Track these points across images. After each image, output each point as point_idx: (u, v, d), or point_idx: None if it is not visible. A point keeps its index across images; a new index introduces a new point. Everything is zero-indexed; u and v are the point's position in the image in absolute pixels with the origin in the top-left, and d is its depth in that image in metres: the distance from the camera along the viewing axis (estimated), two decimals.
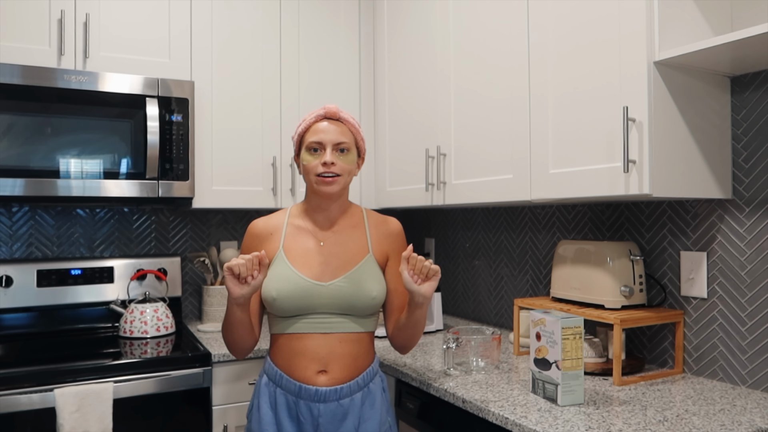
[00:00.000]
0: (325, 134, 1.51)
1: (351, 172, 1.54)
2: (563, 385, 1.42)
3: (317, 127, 1.52)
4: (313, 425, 1.47)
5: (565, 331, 1.43)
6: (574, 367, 1.43)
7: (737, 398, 1.47)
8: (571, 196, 1.60)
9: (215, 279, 2.57)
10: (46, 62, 2.05)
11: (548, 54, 1.68)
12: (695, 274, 1.68)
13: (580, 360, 1.44)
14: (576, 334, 1.44)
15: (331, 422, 1.47)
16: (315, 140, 1.51)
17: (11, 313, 2.24)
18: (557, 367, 1.43)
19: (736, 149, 1.59)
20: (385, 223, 1.63)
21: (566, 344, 1.43)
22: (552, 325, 1.45)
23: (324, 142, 1.50)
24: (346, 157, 1.52)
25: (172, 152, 2.18)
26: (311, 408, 1.47)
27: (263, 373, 1.56)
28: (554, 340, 1.44)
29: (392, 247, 1.61)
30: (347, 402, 1.49)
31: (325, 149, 1.50)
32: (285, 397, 1.49)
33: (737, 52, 1.37)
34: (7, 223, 2.34)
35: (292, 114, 2.47)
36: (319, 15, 2.53)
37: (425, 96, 2.25)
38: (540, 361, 1.49)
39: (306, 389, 1.47)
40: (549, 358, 1.46)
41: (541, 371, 1.49)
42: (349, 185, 1.61)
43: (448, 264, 2.73)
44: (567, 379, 1.42)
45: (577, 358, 1.44)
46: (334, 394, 1.47)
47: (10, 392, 1.70)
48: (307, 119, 1.55)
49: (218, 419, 1.98)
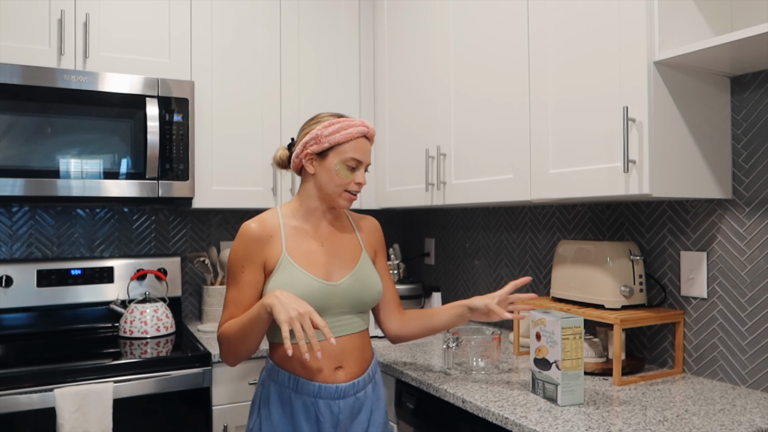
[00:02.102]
0: (364, 155, 1.53)
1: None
2: (563, 385, 1.42)
3: (359, 145, 1.51)
4: (333, 423, 1.48)
5: (565, 331, 1.43)
6: (574, 367, 1.43)
7: (737, 398, 1.47)
8: (571, 196, 1.60)
9: (215, 279, 2.57)
10: (46, 62, 2.05)
11: (548, 52, 1.68)
12: (695, 274, 1.68)
13: (580, 360, 1.44)
14: (576, 334, 1.44)
15: (349, 417, 1.50)
16: (356, 157, 1.51)
17: (11, 313, 2.24)
18: (557, 367, 1.43)
19: (736, 149, 1.59)
20: (365, 221, 1.71)
21: (566, 344, 1.43)
22: (552, 325, 1.45)
23: (363, 161, 1.53)
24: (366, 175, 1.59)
25: (172, 152, 2.18)
26: (331, 406, 1.47)
27: (270, 382, 1.51)
28: (554, 340, 1.44)
29: (379, 242, 1.70)
30: (362, 395, 1.53)
31: (360, 169, 1.53)
32: (302, 401, 1.47)
33: (737, 52, 1.37)
34: (7, 223, 2.34)
35: (292, 114, 2.47)
36: (319, 14, 2.53)
37: (425, 96, 2.25)
38: (540, 361, 1.49)
39: (326, 388, 1.47)
40: (549, 358, 1.46)
41: (541, 371, 1.49)
42: None
43: (448, 264, 2.73)
44: (567, 379, 1.42)
45: (577, 358, 1.44)
46: (352, 389, 1.50)
47: (10, 392, 1.70)
48: (347, 130, 1.50)
49: (218, 419, 1.98)
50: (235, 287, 1.50)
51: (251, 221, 1.52)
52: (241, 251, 1.50)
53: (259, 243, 1.50)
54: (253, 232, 1.50)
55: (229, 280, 1.52)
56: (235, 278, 1.50)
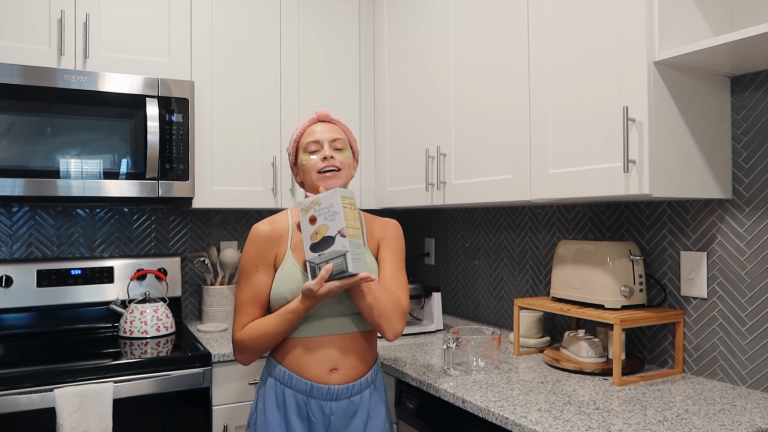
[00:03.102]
0: (320, 134, 1.57)
1: (348, 167, 1.58)
2: (352, 252, 1.38)
3: (312, 129, 1.59)
4: (324, 424, 1.48)
5: (344, 201, 1.40)
6: (356, 236, 1.41)
7: (737, 398, 1.47)
8: (571, 196, 1.60)
9: (215, 279, 2.57)
10: (46, 62, 2.05)
11: (548, 53, 1.68)
12: (695, 274, 1.68)
13: (359, 230, 1.43)
14: (351, 205, 1.43)
15: (342, 420, 1.49)
16: (312, 140, 1.56)
17: (11, 313, 2.24)
18: (342, 235, 1.39)
19: (736, 149, 1.59)
20: (378, 220, 1.67)
21: (347, 213, 1.40)
22: (330, 198, 1.41)
23: (321, 140, 1.56)
24: (343, 153, 1.57)
25: (172, 152, 2.18)
26: (323, 406, 1.48)
27: (267, 376, 1.55)
28: (334, 211, 1.40)
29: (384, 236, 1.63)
30: (357, 399, 1.52)
31: (323, 146, 1.55)
32: (295, 397, 1.49)
33: (737, 52, 1.37)
34: (7, 223, 2.34)
35: (292, 114, 2.47)
36: (318, 15, 2.53)
37: (425, 96, 2.25)
38: (319, 244, 1.42)
39: (318, 388, 1.48)
40: (331, 232, 1.40)
41: (322, 253, 1.42)
42: (348, 183, 1.62)
43: (448, 264, 2.73)
44: (353, 247, 1.39)
45: (357, 228, 1.42)
46: (346, 392, 1.50)
47: (10, 392, 1.70)
48: (300, 126, 1.61)
49: (218, 419, 1.98)
50: (249, 288, 1.52)
51: (261, 223, 1.56)
52: (253, 252, 1.53)
53: (270, 242, 1.53)
54: (263, 232, 1.53)
55: (243, 281, 1.53)
56: (249, 279, 1.52)
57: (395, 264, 1.60)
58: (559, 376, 1.69)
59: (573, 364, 1.72)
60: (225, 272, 2.54)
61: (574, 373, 1.72)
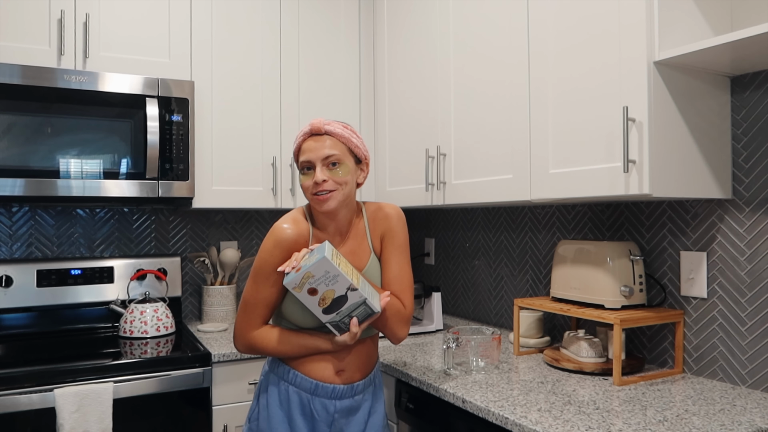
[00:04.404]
0: (312, 152, 1.47)
1: (347, 183, 1.48)
2: (368, 295, 1.40)
3: (305, 147, 1.49)
4: (328, 422, 1.50)
5: (334, 259, 1.38)
6: (358, 277, 1.42)
7: (737, 398, 1.47)
8: (571, 196, 1.60)
9: (215, 279, 2.57)
10: (46, 62, 2.05)
11: (548, 53, 1.68)
12: (695, 274, 1.68)
13: (356, 272, 1.44)
14: (337, 255, 1.42)
15: (345, 417, 1.52)
16: (304, 160, 1.49)
17: (11, 313, 2.24)
18: (352, 289, 1.39)
19: (736, 149, 1.59)
20: (380, 210, 1.59)
21: (343, 268, 1.38)
22: (321, 267, 1.36)
23: (312, 160, 1.47)
24: (338, 170, 1.47)
25: (172, 152, 2.18)
26: (327, 405, 1.50)
27: (269, 373, 1.55)
28: (332, 275, 1.37)
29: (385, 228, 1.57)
30: (360, 398, 1.54)
31: (315, 167, 1.47)
32: (298, 395, 1.50)
33: (737, 52, 1.37)
34: (7, 223, 2.34)
35: (292, 114, 2.47)
36: (318, 15, 2.53)
37: (425, 96, 2.25)
38: (332, 306, 1.41)
39: (323, 387, 1.49)
40: (339, 292, 1.39)
41: (339, 311, 1.41)
42: (352, 195, 1.53)
43: (448, 264, 2.73)
44: (364, 289, 1.41)
45: (353, 270, 1.43)
46: (349, 391, 1.52)
47: (10, 392, 1.70)
48: (297, 139, 1.53)
49: (218, 419, 1.98)
50: (267, 290, 1.48)
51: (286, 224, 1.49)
52: (279, 255, 1.47)
53: (296, 246, 1.49)
54: (290, 236, 1.48)
55: (261, 280, 1.47)
56: (269, 281, 1.47)
57: (400, 259, 1.56)
58: (559, 376, 1.69)
59: (573, 364, 1.72)
60: (225, 272, 2.54)
61: (574, 373, 1.72)
